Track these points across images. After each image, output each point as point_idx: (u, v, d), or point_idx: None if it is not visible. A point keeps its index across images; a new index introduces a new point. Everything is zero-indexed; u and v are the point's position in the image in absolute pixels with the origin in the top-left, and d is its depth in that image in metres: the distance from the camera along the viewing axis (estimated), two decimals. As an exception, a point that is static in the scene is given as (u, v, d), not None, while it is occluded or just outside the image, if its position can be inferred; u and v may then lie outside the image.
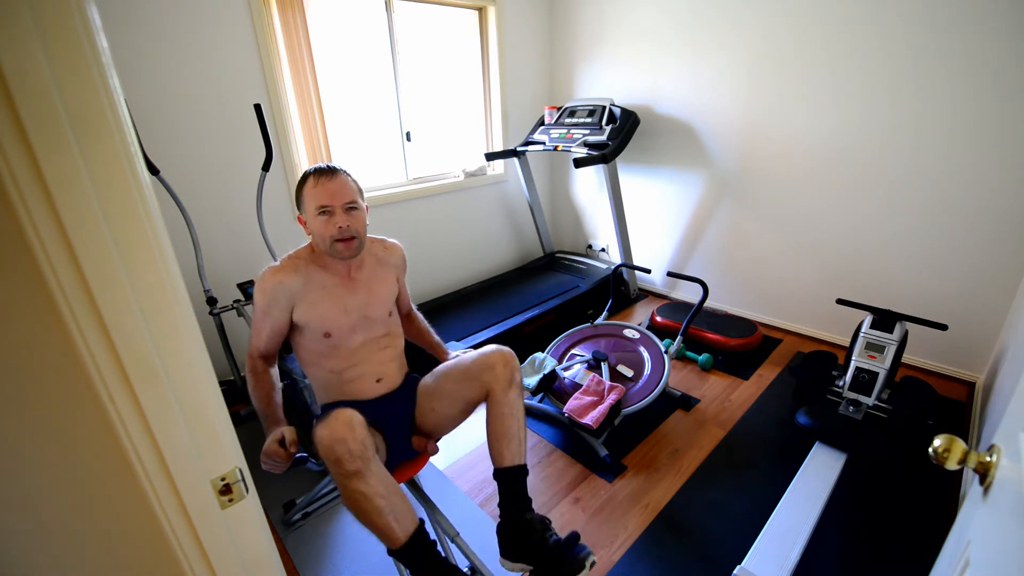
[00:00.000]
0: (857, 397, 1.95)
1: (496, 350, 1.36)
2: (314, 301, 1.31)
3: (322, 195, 1.26)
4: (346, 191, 1.28)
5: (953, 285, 2.31)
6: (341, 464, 1.10)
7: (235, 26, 2.21)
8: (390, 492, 1.15)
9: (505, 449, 1.30)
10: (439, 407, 1.41)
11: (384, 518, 1.12)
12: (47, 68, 0.45)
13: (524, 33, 3.39)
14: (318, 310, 1.31)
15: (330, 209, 1.26)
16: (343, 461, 1.09)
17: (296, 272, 1.30)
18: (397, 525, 1.13)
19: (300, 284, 1.30)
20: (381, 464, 1.17)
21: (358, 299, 1.37)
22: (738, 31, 2.63)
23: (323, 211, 1.26)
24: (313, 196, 1.26)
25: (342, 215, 1.27)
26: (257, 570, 0.74)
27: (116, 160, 0.51)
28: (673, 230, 3.31)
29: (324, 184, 1.26)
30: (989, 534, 0.65)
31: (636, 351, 2.31)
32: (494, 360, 1.34)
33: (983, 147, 2.08)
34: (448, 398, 1.40)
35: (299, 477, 1.91)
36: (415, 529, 1.16)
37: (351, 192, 1.29)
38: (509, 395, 1.32)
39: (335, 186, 1.27)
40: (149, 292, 0.55)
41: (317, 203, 1.26)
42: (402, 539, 1.14)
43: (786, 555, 1.40)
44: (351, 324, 1.35)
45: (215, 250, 2.35)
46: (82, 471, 0.60)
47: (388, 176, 3.05)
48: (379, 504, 1.12)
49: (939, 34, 2.07)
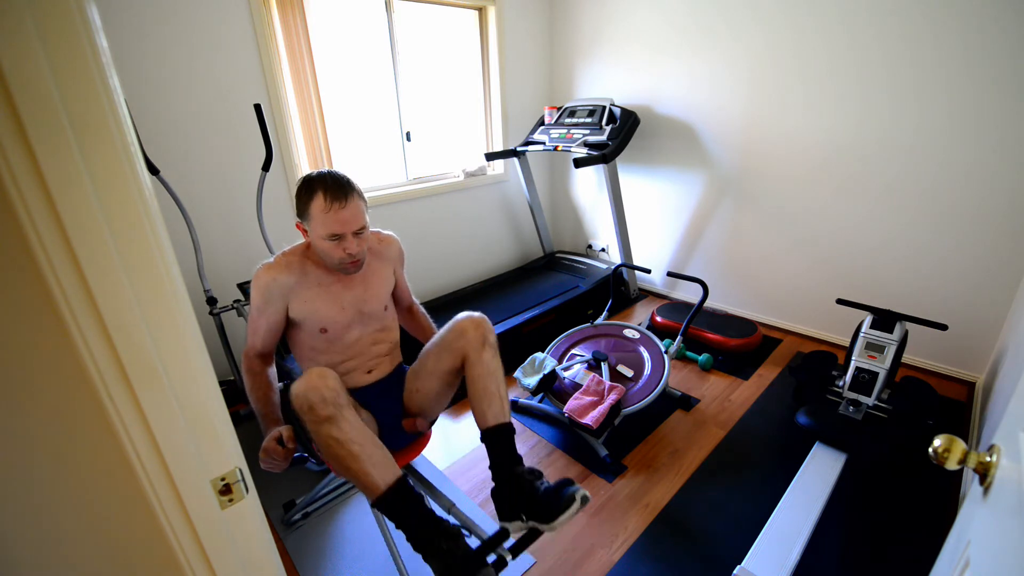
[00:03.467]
0: (857, 397, 1.95)
1: (466, 316, 1.37)
2: (309, 297, 1.32)
3: (334, 224, 1.22)
4: (358, 218, 1.25)
5: (953, 285, 2.30)
6: (314, 410, 1.12)
7: (235, 26, 2.21)
8: (366, 440, 1.16)
9: (487, 409, 1.31)
10: (423, 386, 1.42)
11: (360, 464, 1.13)
12: (47, 68, 0.45)
13: (524, 33, 3.38)
14: (314, 306, 1.32)
15: (341, 236, 1.25)
16: (316, 407, 1.11)
17: (290, 269, 1.30)
18: (375, 472, 1.14)
19: (295, 280, 1.30)
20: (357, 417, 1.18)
21: (354, 294, 1.38)
22: (737, 31, 2.63)
23: (334, 238, 1.24)
24: (324, 222, 1.22)
25: (352, 240, 1.26)
26: (257, 570, 0.74)
27: (116, 160, 0.51)
28: (673, 230, 3.31)
29: (336, 211, 1.21)
30: (989, 534, 0.65)
31: (636, 351, 2.31)
32: (465, 325, 1.34)
33: (983, 146, 2.08)
34: (429, 374, 1.41)
35: (299, 477, 1.91)
36: (395, 480, 1.16)
37: (362, 216, 1.27)
38: (484, 356, 1.33)
39: (348, 215, 1.23)
40: (149, 292, 0.55)
41: (328, 231, 1.23)
42: (381, 487, 1.14)
43: (786, 555, 1.40)
44: (347, 320, 1.36)
45: (215, 250, 2.35)
46: (82, 471, 0.60)
47: (388, 176, 3.05)
48: (354, 450, 1.13)
49: (938, 31, 2.07)
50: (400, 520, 1.15)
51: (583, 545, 1.60)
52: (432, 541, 1.12)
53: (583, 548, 1.59)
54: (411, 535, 1.14)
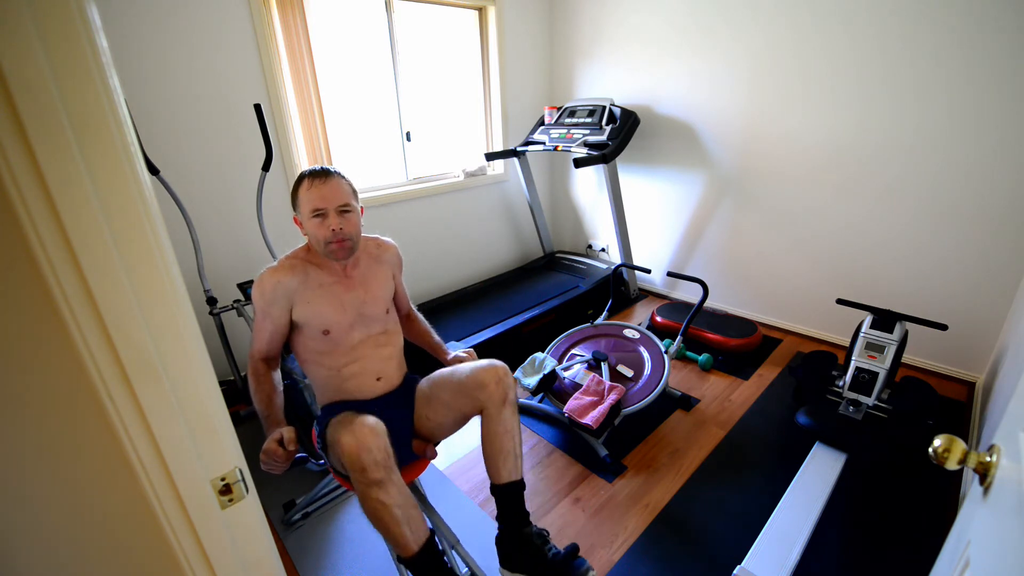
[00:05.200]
0: (857, 397, 1.95)
1: (489, 367, 1.36)
2: (312, 299, 1.33)
3: (316, 198, 1.27)
4: (339, 194, 1.29)
5: (953, 285, 2.30)
6: (366, 473, 1.11)
7: (235, 26, 2.21)
8: (407, 502, 1.17)
9: (502, 466, 1.33)
10: (433, 416, 1.42)
11: (401, 527, 1.15)
12: (47, 68, 0.45)
13: (524, 33, 3.38)
14: (316, 308, 1.33)
15: (324, 212, 1.28)
16: (368, 470, 1.11)
17: (293, 272, 1.32)
18: (411, 535, 1.16)
19: (297, 283, 1.31)
20: (399, 474, 1.19)
21: (355, 296, 1.38)
22: (738, 31, 2.63)
23: (317, 214, 1.28)
24: (307, 199, 1.28)
25: (335, 217, 1.29)
26: (257, 570, 0.74)
27: (116, 160, 0.51)
28: (673, 230, 3.31)
29: (318, 187, 1.27)
30: (989, 534, 0.65)
31: (636, 351, 2.31)
32: (487, 378, 1.33)
33: (983, 146, 2.08)
34: (443, 408, 1.41)
35: (299, 477, 1.91)
36: (426, 539, 1.18)
37: (344, 194, 1.30)
38: (503, 414, 1.33)
39: (328, 189, 1.28)
40: (149, 292, 0.55)
41: (311, 206, 1.27)
42: (414, 549, 1.16)
43: (786, 555, 1.40)
44: (349, 321, 1.37)
45: (215, 250, 2.35)
46: (82, 471, 0.60)
47: (388, 176, 3.05)
48: (397, 514, 1.14)
49: (938, 31, 2.07)
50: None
51: (583, 545, 1.60)
52: None
53: (583, 548, 1.59)
54: None
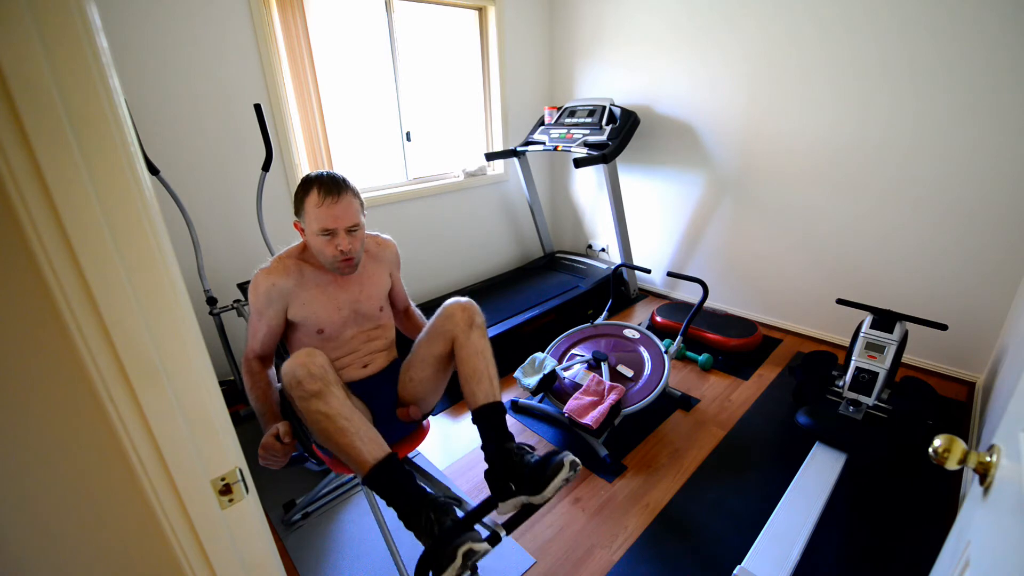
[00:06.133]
0: (857, 397, 1.94)
1: (454, 300, 1.39)
2: (307, 300, 1.33)
3: (327, 218, 1.25)
4: (350, 214, 1.28)
5: (953, 285, 2.30)
6: (302, 385, 1.13)
7: (235, 26, 2.21)
8: (354, 416, 1.17)
9: (477, 389, 1.32)
10: (416, 374, 1.44)
11: (349, 438, 1.14)
12: (47, 68, 0.45)
13: (524, 33, 3.38)
14: (311, 308, 1.34)
15: (333, 232, 1.27)
16: (303, 382, 1.12)
17: (288, 272, 1.32)
18: (364, 448, 1.15)
19: (293, 284, 1.32)
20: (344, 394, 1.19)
21: (350, 295, 1.39)
22: (736, 31, 2.63)
23: (326, 233, 1.27)
24: (316, 217, 1.25)
25: (344, 237, 1.28)
26: (257, 570, 0.74)
27: (116, 160, 0.51)
28: (673, 230, 3.31)
29: (329, 206, 1.25)
30: (989, 534, 0.65)
31: (636, 351, 2.31)
32: (452, 309, 1.37)
33: (982, 146, 2.08)
34: (421, 361, 1.42)
35: (299, 477, 1.91)
36: (385, 455, 1.16)
37: (355, 214, 1.29)
38: (472, 336, 1.34)
39: (340, 209, 1.26)
40: (149, 292, 0.55)
41: (320, 225, 1.25)
42: (370, 462, 1.14)
43: (786, 555, 1.40)
44: (343, 320, 1.39)
45: (215, 250, 2.35)
46: (82, 471, 0.60)
47: (388, 176, 3.05)
48: (342, 424, 1.14)
49: (938, 31, 2.07)
50: (390, 496, 1.15)
51: (583, 545, 1.60)
52: (421, 514, 1.11)
53: (583, 548, 1.59)
54: (401, 511, 1.14)
